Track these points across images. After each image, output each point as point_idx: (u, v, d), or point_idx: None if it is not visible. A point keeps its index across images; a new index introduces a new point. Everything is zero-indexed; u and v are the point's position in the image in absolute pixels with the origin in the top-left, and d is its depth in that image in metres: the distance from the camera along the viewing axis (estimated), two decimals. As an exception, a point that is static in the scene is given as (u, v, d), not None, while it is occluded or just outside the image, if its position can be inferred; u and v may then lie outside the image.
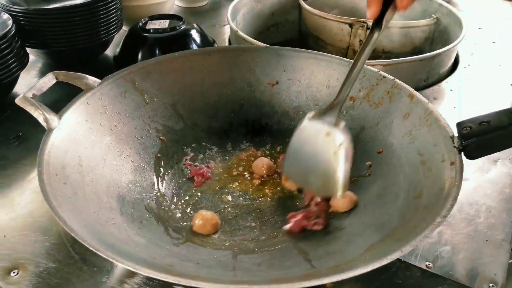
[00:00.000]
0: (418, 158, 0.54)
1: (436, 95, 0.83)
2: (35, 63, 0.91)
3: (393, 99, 0.61)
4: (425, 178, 0.50)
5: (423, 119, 0.56)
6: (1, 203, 0.58)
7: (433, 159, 0.51)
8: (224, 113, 0.69)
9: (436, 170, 0.50)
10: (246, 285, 0.36)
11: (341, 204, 0.55)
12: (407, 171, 0.54)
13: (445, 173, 0.48)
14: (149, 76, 0.65)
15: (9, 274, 0.49)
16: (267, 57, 0.69)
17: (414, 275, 0.50)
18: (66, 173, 0.49)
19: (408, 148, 0.56)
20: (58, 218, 0.42)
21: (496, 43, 1.05)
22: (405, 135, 0.57)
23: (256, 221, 0.56)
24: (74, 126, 0.55)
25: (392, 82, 0.61)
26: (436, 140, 0.53)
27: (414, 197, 0.50)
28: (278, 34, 1.04)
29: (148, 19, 0.88)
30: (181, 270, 0.42)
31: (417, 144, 0.55)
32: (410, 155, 0.55)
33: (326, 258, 0.47)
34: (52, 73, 0.58)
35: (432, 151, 0.52)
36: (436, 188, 0.47)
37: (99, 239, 0.42)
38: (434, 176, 0.49)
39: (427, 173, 0.51)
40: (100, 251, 0.39)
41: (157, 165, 0.62)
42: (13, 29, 0.73)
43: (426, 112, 0.56)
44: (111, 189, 0.54)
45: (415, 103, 0.58)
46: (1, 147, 0.68)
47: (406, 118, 0.58)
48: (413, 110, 0.58)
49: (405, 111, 0.59)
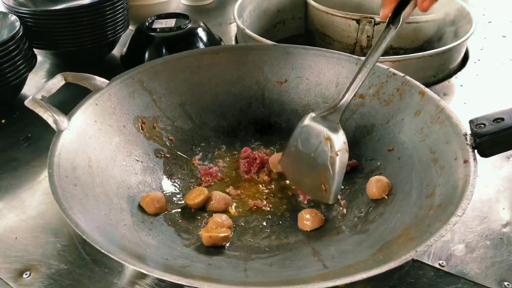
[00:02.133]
0: (430, 156, 0.53)
1: (446, 91, 0.82)
2: (43, 64, 0.91)
3: (403, 96, 0.60)
4: (438, 176, 0.50)
5: (434, 116, 0.55)
6: (12, 205, 0.58)
7: (445, 157, 0.51)
8: (233, 112, 0.69)
9: (449, 168, 0.49)
10: (258, 287, 0.35)
11: (376, 190, 0.54)
12: (419, 169, 0.53)
13: (458, 171, 0.48)
14: (157, 76, 0.65)
15: (21, 276, 0.49)
16: (275, 55, 0.69)
17: (427, 274, 0.49)
18: (76, 175, 0.49)
19: (420, 145, 0.55)
20: (69, 220, 0.42)
21: (506, 37, 1.04)
22: (416, 132, 0.57)
23: (266, 221, 0.55)
24: (84, 127, 0.55)
25: (402, 79, 0.61)
26: (448, 137, 0.52)
27: (426, 196, 0.49)
28: (285, 31, 1.04)
29: (155, 18, 0.88)
30: (192, 272, 0.42)
31: (428, 141, 0.54)
32: (422, 153, 0.54)
33: (338, 258, 0.46)
34: (60, 74, 0.58)
35: (444, 149, 0.52)
36: (449, 186, 0.47)
37: (110, 240, 0.42)
38: (447, 174, 0.49)
39: (439, 171, 0.50)
40: (112, 253, 0.39)
41: (166, 165, 0.62)
42: (20, 30, 0.73)
43: (437, 109, 0.55)
44: (121, 190, 0.54)
45: (426, 100, 0.57)
46: (11, 148, 0.68)
47: (417, 116, 0.58)
48: (424, 107, 0.57)
49: (416, 108, 0.58)
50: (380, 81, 0.63)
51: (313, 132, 0.53)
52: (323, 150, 0.52)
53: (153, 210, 0.53)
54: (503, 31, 1.06)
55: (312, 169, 0.52)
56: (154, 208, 0.53)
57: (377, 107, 0.63)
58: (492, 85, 0.84)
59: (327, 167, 0.51)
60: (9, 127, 0.73)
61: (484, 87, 0.84)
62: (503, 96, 0.81)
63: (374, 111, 0.63)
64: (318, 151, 0.52)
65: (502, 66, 0.91)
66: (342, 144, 0.52)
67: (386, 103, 0.62)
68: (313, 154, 0.53)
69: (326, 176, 0.51)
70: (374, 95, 0.63)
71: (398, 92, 0.61)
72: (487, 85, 0.84)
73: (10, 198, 0.59)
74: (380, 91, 0.63)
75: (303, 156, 0.54)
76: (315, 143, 0.52)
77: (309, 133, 0.54)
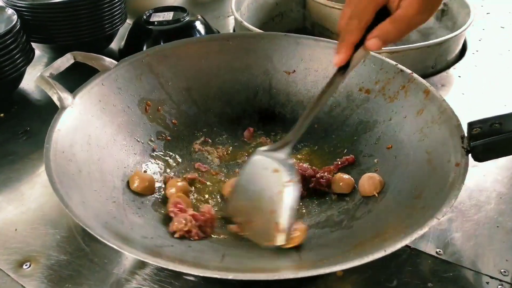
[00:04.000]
0: (425, 156, 0.52)
1: (444, 82, 0.81)
2: (41, 58, 0.91)
3: (408, 94, 0.59)
4: (428, 178, 0.49)
5: (436, 117, 0.54)
6: (12, 197, 0.59)
7: (439, 158, 0.50)
8: (239, 99, 0.69)
9: (440, 170, 0.48)
10: (219, 271, 0.36)
11: (367, 187, 0.54)
12: (413, 170, 0.52)
13: (448, 174, 0.46)
14: (165, 60, 0.66)
15: (21, 266, 0.49)
16: (285, 45, 0.69)
17: (424, 262, 0.50)
18: (73, 151, 0.51)
19: (417, 146, 0.54)
20: (56, 194, 0.44)
21: (504, 28, 1.01)
22: (416, 132, 0.55)
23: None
24: (87, 105, 0.57)
25: (409, 76, 0.59)
26: (445, 139, 0.51)
27: (414, 197, 0.48)
28: (283, 24, 1.02)
29: (152, 12, 0.88)
30: (166, 252, 0.43)
31: (426, 142, 0.53)
32: (418, 153, 0.53)
33: (316, 251, 0.46)
34: (70, 53, 0.60)
35: (440, 151, 0.50)
36: (437, 189, 0.46)
37: (94, 216, 0.44)
38: (437, 177, 0.48)
39: (431, 173, 0.49)
40: (89, 228, 0.41)
41: (166, 147, 0.63)
42: (18, 24, 0.73)
43: (440, 109, 0.54)
44: (117, 169, 0.55)
45: (430, 99, 0.56)
46: (10, 142, 0.69)
47: (419, 115, 0.56)
48: (427, 107, 0.56)
49: (419, 107, 0.57)
50: (387, 77, 0.62)
51: (262, 165, 0.50)
52: (271, 182, 0.48)
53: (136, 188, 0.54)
54: (502, 22, 1.03)
55: (260, 205, 0.48)
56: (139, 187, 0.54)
57: (381, 103, 0.62)
58: (490, 76, 0.83)
59: (274, 201, 0.47)
60: (7, 121, 0.73)
61: (482, 78, 0.82)
62: (501, 87, 0.80)
63: (378, 107, 0.62)
64: (266, 184, 0.48)
65: (501, 57, 0.90)
66: (293, 175, 0.48)
67: (390, 100, 0.61)
68: (261, 188, 0.49)
69: (274, 210, 0.47)
70: (380, 91, 0.62)
71: (404, 89, 0.60)
72: (485, 76, 0.83)
73: (9, 191, 0.60)
74: (386, 87, 0.62)
75: (251, 193, 0.50)
76: (264, 176, 0.49)
77: (258, 166, 0.50)
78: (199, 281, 0.48)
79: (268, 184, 0.48)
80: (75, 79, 0.59)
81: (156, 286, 0.47)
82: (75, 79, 0.59)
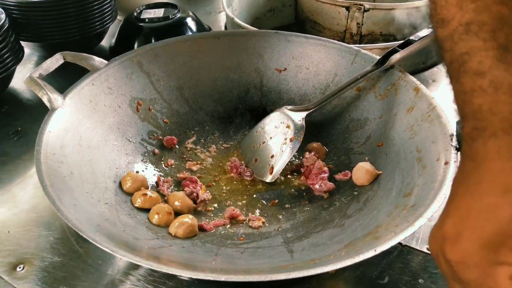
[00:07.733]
0: (415, 154, 0.52)
1: (435, 77, 0.81)
2: (30, 57, 0.89)
3: (398, 92, 0.59)
4: (418, 176, 0.49)
5: (425, 114, 0.54)
6: (4, 199, 0.59)
7: (429, 156, 0.50)
8: (230, 98, 0.69)
9: (430, 168, 0.48)
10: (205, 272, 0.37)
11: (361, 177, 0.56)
12: (403, 167, 0.53)
13: (438, 172, 0.47)
14: (156, 59, 0.66)
15: (15, 269, 0.49)
16: (276, 42, 0.69)
17: (415, 259, 0.50)
18: (64, 153, 0.51)
19: (408, 143, 0.55)
20: (48, 197, 0.44)
21: None
22: (407, 129, 0.56)
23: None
24: (78, 106, 0.57)
25: (400, 74, 0.60)
26: (435, 137, 0.51)
27: (404, 195, 0.49)
28: (275, 20, 1.01)
29: (143, 8, 0.87)
30: (159, 254, 0.44)
31: (416, 139, 0.54)
32: (408, 151, 0.54)
33: (308, 251, 0.47)
34: (59, 53, 0.59)
35: (429, 149, 0.51)
36: (426, 187, 0.46)
37: (86, 219, 0.44)
38: (427, 175, 0.48)
39: (421, 171, 0.49)
40: (82, 231, 0.41)
41: (158, 147, 0.63)
42: (6, 23, 0.72)
43: (429, 107, 0.54)
44: (109, 170, 0.55)
45: (420, 97, 0.56)
46: (1, 143, 0.68)
47: (409, 112, 0.57)
48: (417, 104, 0.56)
49: (409, 104, 0.57)
50: (378, 74, 0.62)
51: (279, 119, 0.62)
52: (281, 134, 0.61)
53: (128, 189, 0.54)
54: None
55: (266, 149, 0.61)
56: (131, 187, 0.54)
57: (372, 101, 0.62)
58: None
59: (280, 146, 0.60)
60: (-2, 121, 0.72)
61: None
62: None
63: (369, 105, 0.62)
64: (277, 135, 0.61)
65: (492, 52, 0.89)
66: (299, 134, 0.60)
67: (381, 97, 0.61)
68: (271, 137, 0.61)
69: (275, 157, 0.60)
70: (371, 89, 0.62)
71: (394, 87, 0.60)
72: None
73: (1, 193, 0.60)
74: (377, 85, 0.62)
75: (263, 137, 0.62)
76: (277, 127, 0.61)
77: (276, 119, 0.62)
78: (192, 281, 0.48)
79: (277, 134, 0.61)
80: (65, 79, 0.59)
81: (150, 286, 0.48)
82: (65, 79, 0.59)
